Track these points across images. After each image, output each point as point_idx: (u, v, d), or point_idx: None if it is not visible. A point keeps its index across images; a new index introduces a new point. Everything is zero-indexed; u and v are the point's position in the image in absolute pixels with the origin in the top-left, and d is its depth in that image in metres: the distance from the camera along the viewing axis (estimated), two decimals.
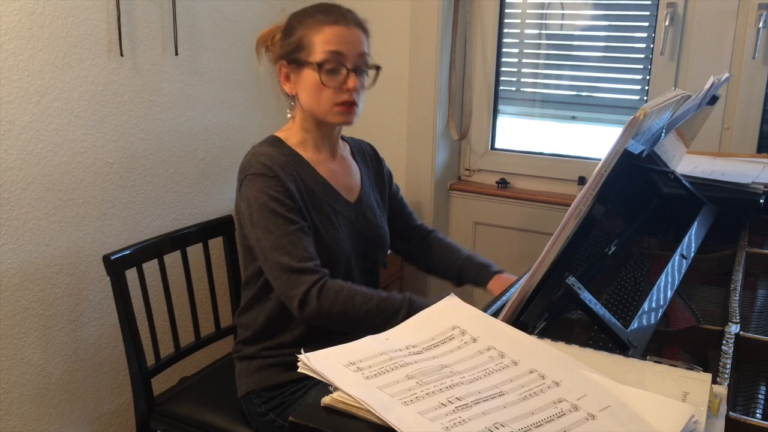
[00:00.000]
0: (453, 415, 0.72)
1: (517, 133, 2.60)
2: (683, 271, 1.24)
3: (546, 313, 0.98)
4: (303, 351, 0.82)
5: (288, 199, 1.43)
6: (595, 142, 2.46)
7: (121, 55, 1.87)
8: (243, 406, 1.57)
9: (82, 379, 1.93)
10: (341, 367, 0.80)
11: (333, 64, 1.44)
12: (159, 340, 1.78)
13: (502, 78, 2.55)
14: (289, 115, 1.56)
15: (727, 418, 0.77)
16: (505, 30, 2.50)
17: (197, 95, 2.13)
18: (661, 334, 1.09)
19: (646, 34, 2.28)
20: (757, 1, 2.05)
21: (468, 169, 2.65)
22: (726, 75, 1.54)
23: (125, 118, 1.92)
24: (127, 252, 1.66)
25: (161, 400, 1.70)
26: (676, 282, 1.19)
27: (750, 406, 0.91)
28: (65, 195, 1.79)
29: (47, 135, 1.73)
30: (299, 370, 0.80)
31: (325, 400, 0.76)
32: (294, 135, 1.54)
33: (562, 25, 2.42)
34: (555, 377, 0.79)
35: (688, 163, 1.71)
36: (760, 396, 0.92)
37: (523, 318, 0.95)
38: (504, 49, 2.52)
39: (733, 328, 1.02)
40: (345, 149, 1.65)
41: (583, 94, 2.46)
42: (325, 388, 0.77)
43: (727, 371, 0.88)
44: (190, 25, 2.06)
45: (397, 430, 0.70)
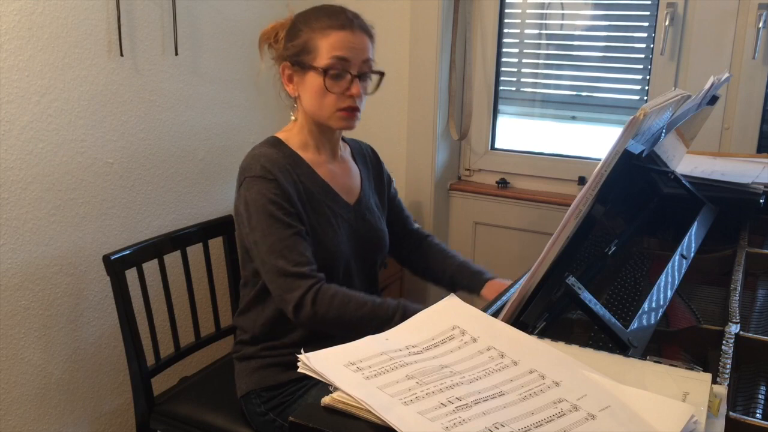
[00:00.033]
0: (453, 415, 0.72)
1: (517, 133, 2.60)
2: (683, 271, 1.24)
3: (546, 313, 0.98)
4: (303, 351, 0.82)
5: (286, 203, 1.43)
6: (595, 142, 2.46)
7: (121, 55, 1.87)
8: (243, 406, 1.57)
9: (82, 379, 1.93)
10: (341, 367, 0.80)
11: (338, 70, 1.43)
12: (159, 340, 1.78)
13: (502, 78, 2.55)
14: (294, 118, 1.55)
15: (727, 418, 0.77)
16: (505, 30, 2.50)
17: (197, 95, 2.13)
18: (661, 334, 1.09)
19: (646, 34, 2.28)
20: (757, 1, 2.05)
21: (468, 169, 2.65)
22: (726, 75, 1.54)
23: (125, 118, 1.92)
24: (127, 252, 1.66)
25: (161, 400, 1.70)
26: (676, 282, 1.19)
27: (750, 406, 0.91)
28: (65, 195, 1.79)
29: (47, 135, 1.73)
30: (299, 370, 0.80)
31: (325, 400, 0.76)
32: (295, 136, 1.54)
33: (562, 25, 2.42)
34: (555, 377, 0.79)
35: (688, 163, 1.71)
36: (760, 396, 0.92)
37: (523, 318, 0.95)
38: (504, 49, 2.51)
39: (733, 328, 1.02)
40: (345, 150, 1.65)
41: (583, 94, 2.46)
42: (325, 388, 0.77)
43: (727, 371, 0.88)
44: (190, 25, 2.06)
45: (397, 430, 0.70)
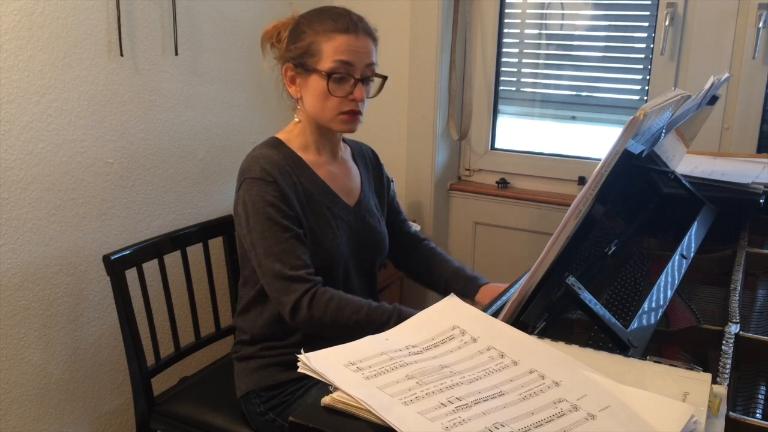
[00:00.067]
0: (453, 415, 0.72)
1: (517, 133, 2.60)
2: (683, 271, 1.24)
3: (546, 313, 0.98)
4: (303, 351, 0.82)
5: (285, 206, 1.43)
6: (595, 142, 2.46)
7: (121, 55, 1.87)
8: (242, 406, 1.57)
9: (82, 379, 1.93)
10: (341, 367, 0.80)
11: (341, 74, 1.43)
12: (159, 340, 1.78)
13: (502, 78, 2.55)
14: (297, 119, 1.54)
15: (727, 418, 0.77)
16: (505, 30, 2.50)
17: (197, 95, 2.13)
18: (661, 334, 1.09)
19: (646, 34, 2.28)
20: (757, 1, 2.05)
21: (468, 169, 2.65)
22: (726, 75, 1.54)
23: (125, 118, 1.92)
24: (127, 252, 1.66)
25: (161, 400, 1.70)
26: (676, 282, 1.19)
27: (750, 406, 0.91)
28: (65, 195, 1.79)
29: (47, 135, 1.73)
30: (299, 370, 0.80)
31: (325, 400, 0.76)
32: (295, 137, 1.54)
33: (562, 25, 2.42)
34: (555, 377, 0.79)
35: (688, 163, 1.71)
36: (760, 396, 0.92)
37: (523, 318, 0.95)
38: (504, 49, 2.52)
39: (733, 328, 1.02)
40: (346, 151, 1.65)
41: (583, 94, 2.46)
42: (325, 388, 0.77)
43: (727, 371, 0.88)
44: (190, 25, 2.06)
45: (397, 430, 0.70)
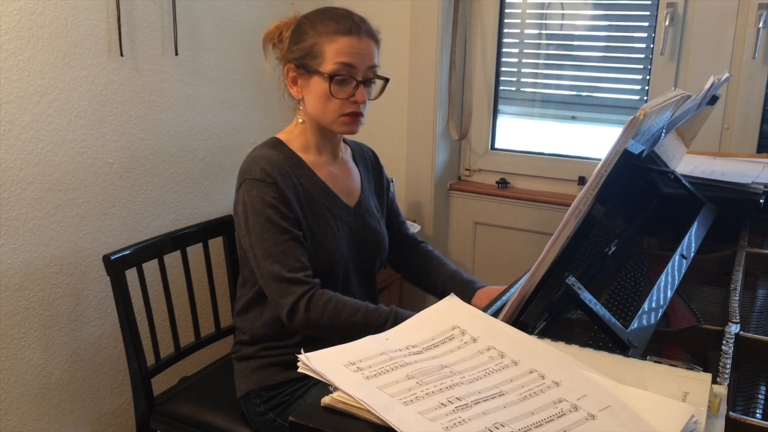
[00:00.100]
0: (453, 415, 0.72)
1: (517, 133, 2.60)
2: (683, 271, 1.24)
3: (546, 313, 0.98)
4: (303, 351, 0.82)
5: (284, 207, 1.43)
6: (595, 142, 2.46)
7: (121, 55, 1.87)
8: (242, 406, 1.57)
9: (82, 379, 1.92)
10: (341, 367, 0.80)
11: (343, 76, 1.43)
12: (159, 340, 1.78)
13: (502, 78, 2.55)
14: (301, 120, 1.53)
15: (727, 418, 0.77)
16: (505, 30, 2.50)
17: (197, 95, 2.13)
18: (661, 334, 1.09)
19: (646, 34, 2.28)
20: (757, 1, 2.05)
21: (468, 169, 2.65)
22: (726, 75, 1.54)
23: (125, 118, 1.92)
24: (127, 252, 1.66)
25: (161, 400, 1.70)
26: (676, 282, 1.19)
27: (750, 406, 0.91)
28: (65, 195, 1.79)
29: (47, 135, 1.73)
30: (299, 370, 0.80)
31: (325, 400, 0.76)
32: (296, 138, 1.54)
33: (562, 25, 2.42)
34: (555, 377, 0.79)
35: (688, 163, 1.71)
36: (760, 396, 0.92)
37: (523, 318, 0.95)
38: (504, 49, 2.52)
39: (733, 328, 1.02)
40: (346, 152, 1.65)
41: (583, 94, 2.46)
42: (325, 388, 0.77)
43: (727, 371, 0.88)
44: (190, 25, 2.06)
45: (397, 430, 0.70)
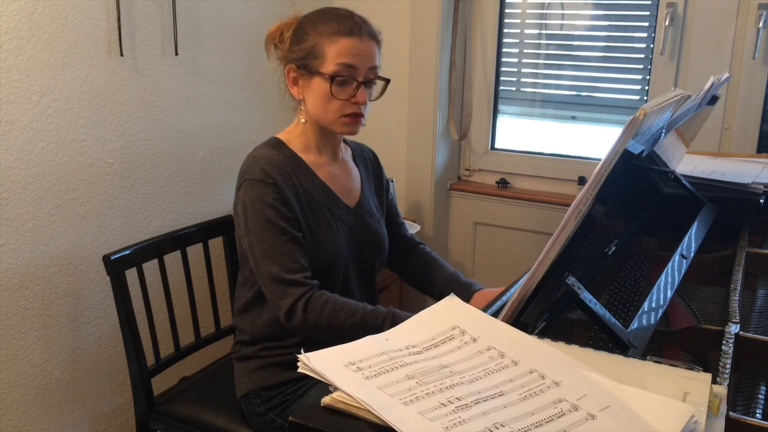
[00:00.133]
0: (453, 415, 0.72)
1: (517, 133, 2.60)
2: (683, 271, 1.24)
3: (546, 313, 0.98)
4: (303, 351, 0.82)
5: (284, 207, 1.43)
6: (595, 142, 2.46)
7: (121, 55, 1.87)
8: (242, 406, 1.57)
9: (82, 379, 1.92)
10: (341, 367, 0.80)
11: (344, 77, 1.43)
12: (159, 340, 1.78)
13: (502, 78, 2.55)
14: (303, 120, 1.53)
15: (727, 418, 0.77)
16: (505, 30, 2.50)
17: (197, 95, 2.13)
18: (661, 334, 1.09)
19: (646, 34, 2.28)
20: (757, 1, 2.05)
21: (468, 169, 2.65)
22: (726, 75, 1.54)
23: (125, 118, 1.92)
24: (127, 252, 1.66)
25: (161, 400, 1.70)
26: (676, 282, 1.19)
27: (750, 406, 0.91)
28: (65, 195, 1.79)
29: (47, 135, 1.73)
30: (299, 370, 0.80)
31: (325, 400, 0.76)
32: (296, 138, 1.54)
33: (562, 25, 2.42)
34: (555, 377, 0.79)
35: (688, 163, 1.71)
36: (760, 396, 0.92)
37: (523, 318, 0.95)
38: (504, 49, 2.52)
39: (733, 328, 1.02)
40: (346, 152, 1.64)
41: (583, 94, 2.46)
42: (325, 388, 0.77)
43: (727, 371, 0.88)
44: (190, 25, 2.06)
45: (397, 430, 0.70)
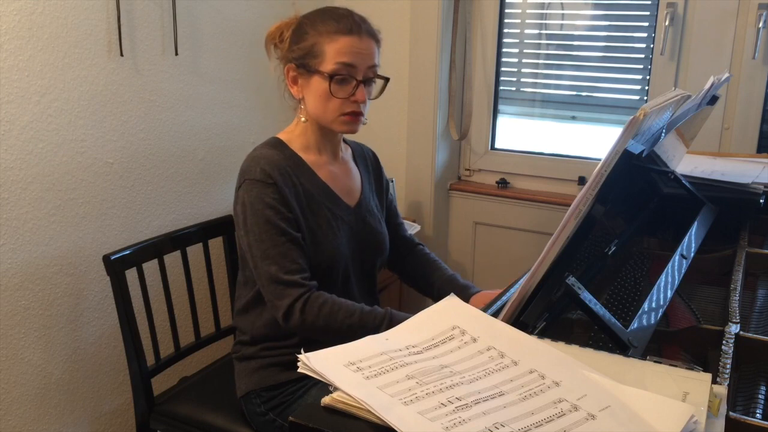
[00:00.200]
0: (453, 415, 0.72)
1: (517, 133, 2.60)
2: (683, 271, 1.24)
3: (546, 313, 0.98)
4: (303, 351, 0.82)
5: (284, 208, 1.43)
6: (595, 142, 2.46)
7: (121, 55, 1.87)
8: (243, 406, 1.57)
9: (82, 379, 1.92)
10: (341, 367, 0.80)
11: (343, 75, 1.43)
12: (159, 340, 1.78)
13: (502, 78, 2.55)
14: (304, 119, 1.52)
15: (727, 418, 0.77)
16: (505, 30, 2.50)
17: (197, 95, 2.13)
18: (661, 334, 1.09)
19: (646, 34, 2.28)
20: (757, 1, 2.05)
21: (468, 169, 2.65)
22: (726, 75, 1.54)
23: (125, 118, 1.92)
24: (127, 252, 1.66)
25: (161, 400, 1.70)
26: (676, 282, 1.19)
27: (750, 406, 0.91)
28: (65, 195, 1.79)
29: (47, 135, 1.73)
30: (299, 370, 0.80)
31: (325, 400, 0.76)
32: (297, 137, 1.54)
33: (562, 25, 2.42)
34: (555, 377, 0.79)
35: (688, 163, 1.71)
36: (760, 396, 0.92)
37: (523, 318, 0.95)
38: (504, 49, 2.52)
39: (733, 328, 1.02)
40: (347, 152, 1.65)
41: (583, 94, 2.46)
42: (325, 388, 0.77)
43: (727, 371, 0.88)
44: (190, 25, 2.06)
45: (397, 430, 0.70)
